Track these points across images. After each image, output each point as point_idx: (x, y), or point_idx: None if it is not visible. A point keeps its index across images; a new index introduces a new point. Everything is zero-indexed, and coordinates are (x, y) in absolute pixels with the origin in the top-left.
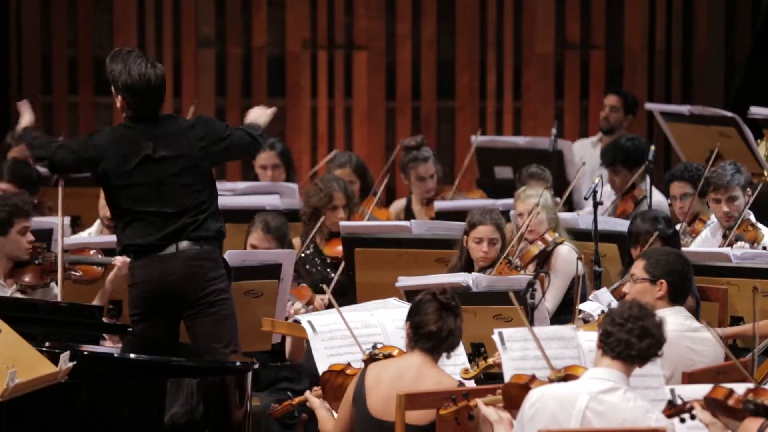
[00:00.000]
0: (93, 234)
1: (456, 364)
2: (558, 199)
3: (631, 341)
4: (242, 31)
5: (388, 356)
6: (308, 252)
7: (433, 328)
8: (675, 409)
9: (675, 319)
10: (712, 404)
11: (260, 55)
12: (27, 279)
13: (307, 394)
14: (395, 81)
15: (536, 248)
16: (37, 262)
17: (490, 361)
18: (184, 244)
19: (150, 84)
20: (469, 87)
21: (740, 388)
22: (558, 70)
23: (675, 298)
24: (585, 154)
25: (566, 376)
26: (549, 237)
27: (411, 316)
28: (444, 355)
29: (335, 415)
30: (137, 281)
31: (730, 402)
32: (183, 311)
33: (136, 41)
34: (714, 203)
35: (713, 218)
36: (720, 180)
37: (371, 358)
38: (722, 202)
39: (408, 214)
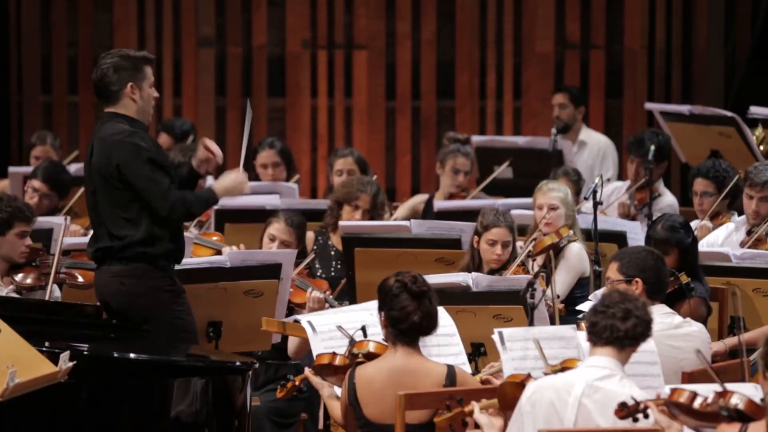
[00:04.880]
0: None
1: (456, 364)
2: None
3: (616, 324)
4: (242, 31)
5: (368, 354)
6: (322, 241)
7: (415, 320)
8: (627, 410)
9: (654, 319)
10: (674, 408)
11: (260, 55)
12: (23, 280)
13: (308, 371)
14: (395, 81)
15: (549, 239)
16: (34, 264)
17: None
18: None
19: None
20: (469, 87)
21: (706, 392)
22: (558, 70)
23: (653, 294)
24: None
25: (563, 368)
26: (564, 233)
27: (385, 308)
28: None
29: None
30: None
31: (696, 406)
32: None
33: (136, 41)
34: (747, 198)
35: (735, 220)
36: (758, 177)
37: (352, 358)
38: (755, 200)
39: (427, 207)
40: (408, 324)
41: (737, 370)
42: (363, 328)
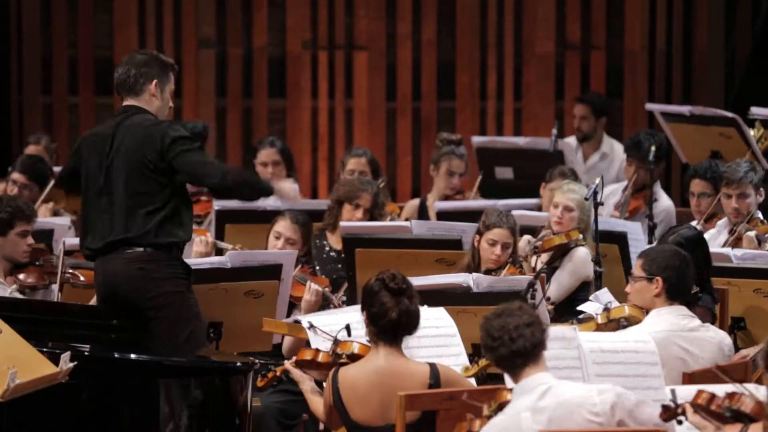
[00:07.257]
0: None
1: (457, 365)
2: None
3: (517, 348)
4: (243, 32)
5: (352, 356)
6: (319, 243)
7: (393, 317)
8: (669, 413)
9: (669, 319)
10: (699, 409)
11: (261, 56)
12: (27, 279)
13: (287, 364)
14: (395, 81)
15: (558, 239)
16: (37, 263)
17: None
18: None
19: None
20: (469, 87)
21: (721, 393)
22: (558, 71)
23: (673, 295)
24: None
25: (500, 405)
26: (573, 236)
27: (366, 307)
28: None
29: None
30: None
31: (713, 407)
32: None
33: (136, 41)
34: (725, 198)
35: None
36: (733, 175)
37: (335, 359)
38: (733, 198)
39: (422, 210)
40: (386, 321)
41: (738, 371)
42: (347, 327)
